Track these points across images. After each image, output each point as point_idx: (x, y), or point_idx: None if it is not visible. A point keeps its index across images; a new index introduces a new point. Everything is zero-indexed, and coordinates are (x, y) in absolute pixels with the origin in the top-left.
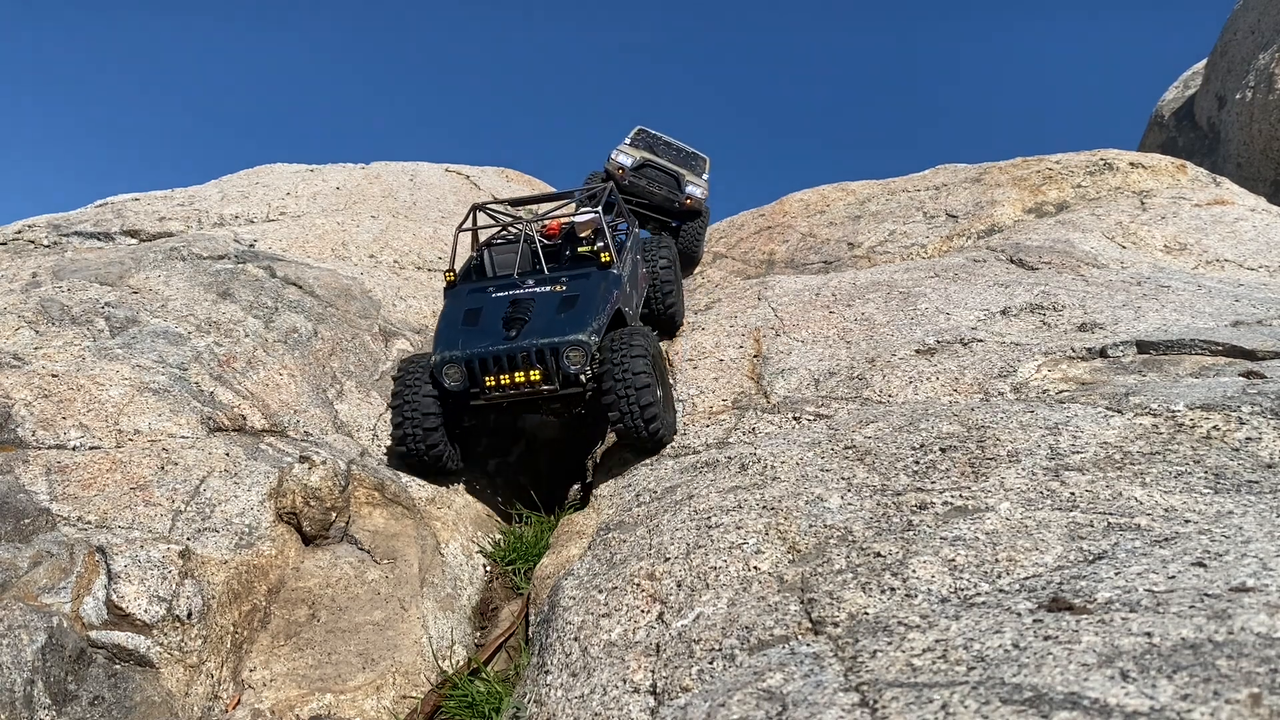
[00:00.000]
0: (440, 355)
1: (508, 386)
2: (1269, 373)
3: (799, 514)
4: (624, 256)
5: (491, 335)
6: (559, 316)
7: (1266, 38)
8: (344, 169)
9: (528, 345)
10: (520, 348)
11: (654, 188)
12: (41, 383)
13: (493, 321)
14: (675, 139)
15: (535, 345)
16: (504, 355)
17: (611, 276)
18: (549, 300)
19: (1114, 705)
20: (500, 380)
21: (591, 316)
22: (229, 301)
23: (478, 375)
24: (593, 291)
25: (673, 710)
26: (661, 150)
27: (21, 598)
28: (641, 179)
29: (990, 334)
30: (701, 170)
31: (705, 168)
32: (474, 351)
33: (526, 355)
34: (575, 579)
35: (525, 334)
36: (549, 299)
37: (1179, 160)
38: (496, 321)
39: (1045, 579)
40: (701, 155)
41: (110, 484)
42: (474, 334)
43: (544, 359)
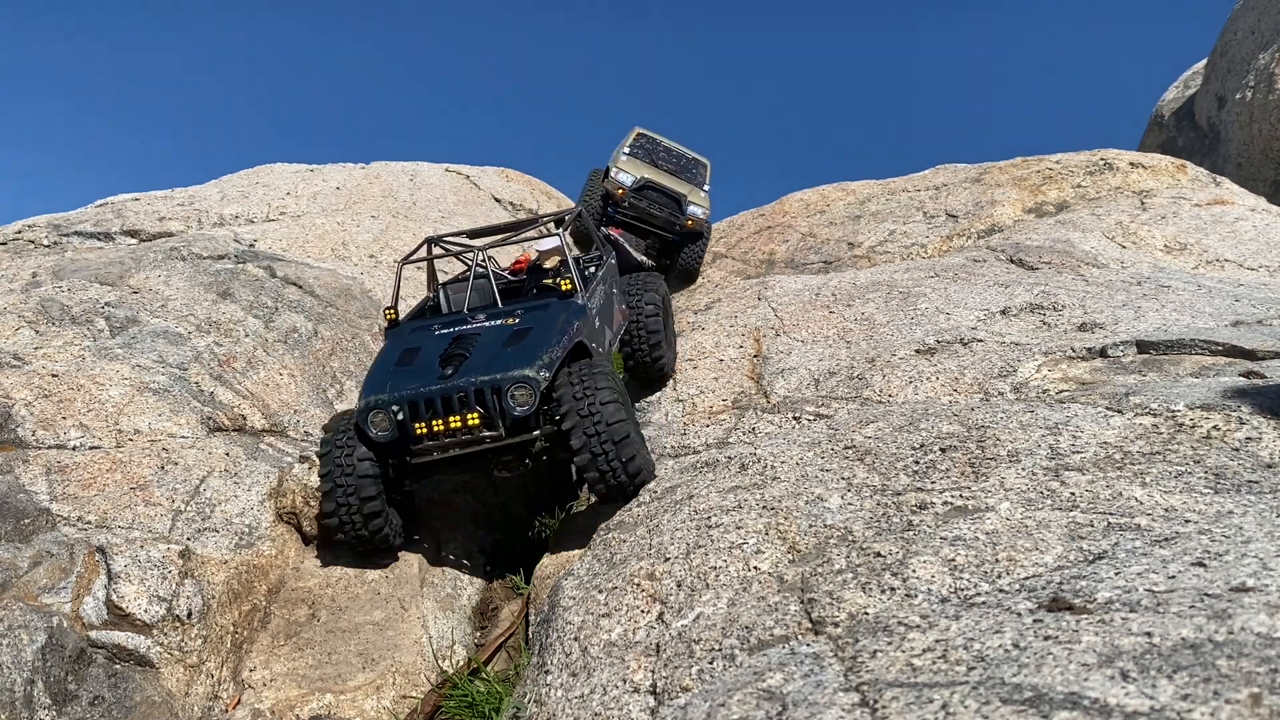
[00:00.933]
0: (364, 401)
1: (443, 434)
2: (1269, 373)
3: (799, 514)
4: (593, 286)
5: (425, 375)
6: (505, 351)
7: (1266, 38)
8: (344, 169)
9: (465, 384)
10: (456, 387)
11: (655, 209)
12: (41, 383)
13: (429, 360)
14: (675, 142)
15: (474, 383)
16: (437, 396)
17: (574, 307)
18: (497, 334)
19: (1114, 705)
20: (434, 427)
21: (542, 349)
22: (229, 301)
23: (408, 422)
24: (549, 323)
25: (673, 710)
26: (661, 158)
27: (21, 598)
28: (643, 200)
29: (990, 334)
30: (702, 180)
31: (706, 176)
32: (402, 394)
33: (464, 395)
34: (575, 579)
35: (463, 371)
36: (497, 333)
37: (1179, 160)
38: (433, 360)
39: (1045, 579)
40: (702, 160)
41: (110, 484)
42: (406, 375)
43: (484, 399)
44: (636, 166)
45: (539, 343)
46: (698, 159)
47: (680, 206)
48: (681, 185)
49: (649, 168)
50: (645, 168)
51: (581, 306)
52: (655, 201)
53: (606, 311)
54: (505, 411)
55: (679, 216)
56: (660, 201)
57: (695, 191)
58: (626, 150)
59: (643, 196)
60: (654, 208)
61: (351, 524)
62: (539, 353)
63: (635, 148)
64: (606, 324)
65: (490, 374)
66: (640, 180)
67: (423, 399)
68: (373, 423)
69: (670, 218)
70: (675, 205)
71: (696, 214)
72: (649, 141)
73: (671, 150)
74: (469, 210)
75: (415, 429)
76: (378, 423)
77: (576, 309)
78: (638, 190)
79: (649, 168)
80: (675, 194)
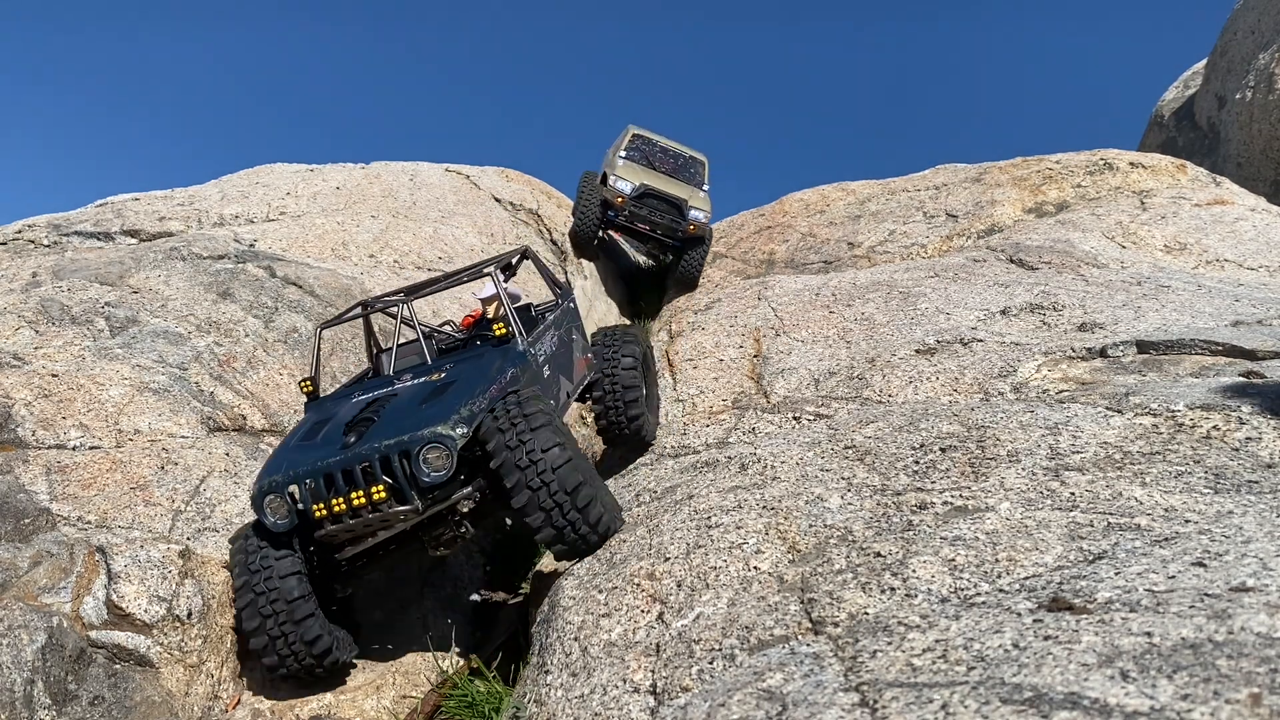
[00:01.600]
0: (257, 485)
1: (345, 514)
2: (1269, 373)
3: (799, 514)
4: (539, 331)
5: (326, 447)
6: (420, 409)
7: (1266, 38)
8: (344, 169)
9: (367, 452)
10: (358, 455)
11: (656, 217)
12: (41, 383)
13: (334, 431)
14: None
15: (377, 450)
16: (336, 469)
17: (511, 354)
18: (416, 392)
19: (1114, 705)
20: (334, 507)
21: (461, 401)
22: (229, 301)
23: (307, 504)
24: (476, 373)
25: (673, 710)
26: (659, 160)
27: (21, 598)
28: (643, 208)
29: (990, 334)
30: (701, 179)
31: (705, 174)
32: (298, 470)
33: (367, 465)
34: (575, 579)
35: (367, 438)
36: (417, 390)
37: (1179, 160)
38: (338, 429)
39: (1045, 579)
40: (699, 158)
41: (110, 484)
42: (306, 451)
43: (390, 468)
44: (634, 172)
45: (459, 395)
46: (695, 157)
47: (681, 212)
48: (681, 188)
49: (647, 171)
50: (643, 172)
51: (520, 353)
52: (656, 209)
53: (562, 360)
54: (417, 480)
55: (680, 222)
56: (661, 209)
57: (695, 194)
58: (623, 154)
59: (643, 204)
60: (655, 215)
61: (292, 655)
62: (456, 406)
63: (631, 150)
64: (562, 373)
65: (396, 436)
66: (640, 187)
67: (320, 474)
68: (269, 509)
69: (672, 224)
70: (676, 211)
71: (698, 219)
72: (644, 142)
73: (668, 150)
74: (469, 210)
75: (314, 511)
76: (275, 509)
77: (513, 355)
78: (638, 198)
79: (647, 171)
80: (676, 200)
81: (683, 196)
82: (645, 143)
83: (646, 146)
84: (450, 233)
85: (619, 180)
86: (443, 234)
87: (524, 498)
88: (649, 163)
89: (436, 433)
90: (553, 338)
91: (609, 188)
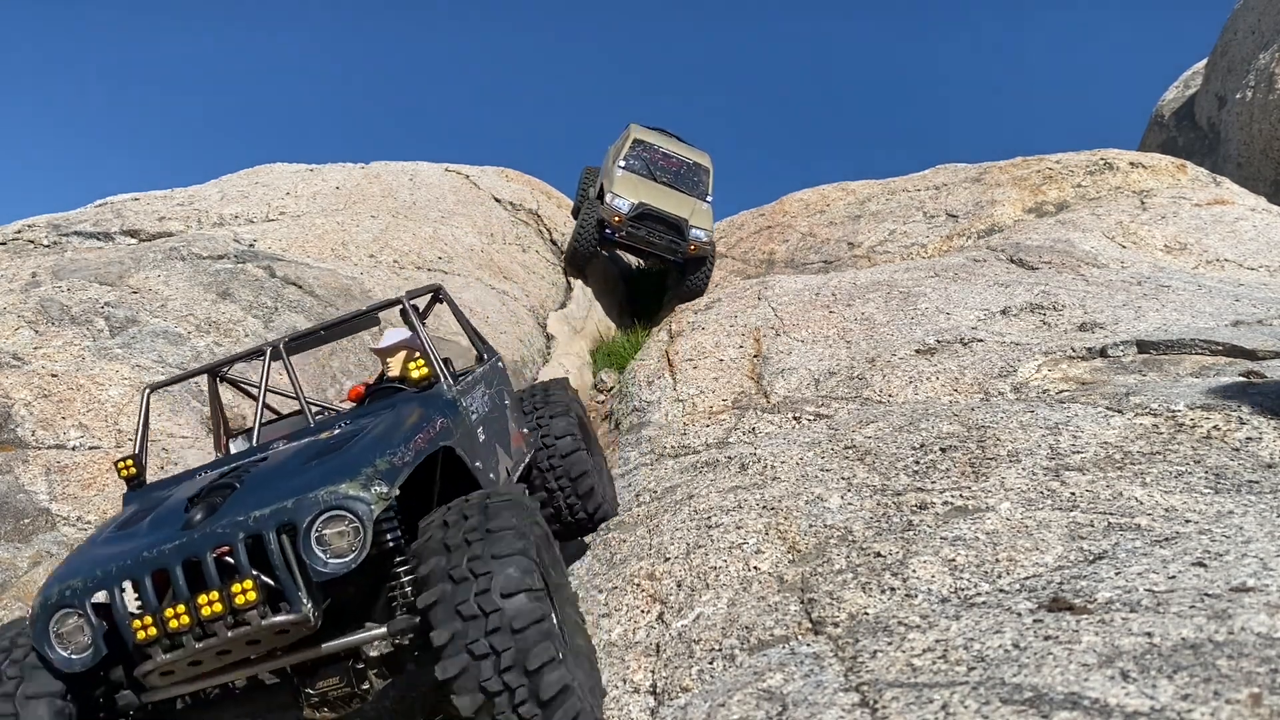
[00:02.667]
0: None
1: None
2: (1269, 373)
3: (799, 514)
4: (469, 382)
5: (157, 532)
6: (305, 468)
7: (1266, 38)
8: (344, 169)
9: (226, 530)
10: (211, 538)
11: (654, 238)
12: (41, 383)
13: (169, 511)
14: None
15: (244, 525)
16: (175, 561)
17: (435, 400)
18: (299, 452)
19: (1114, 705)
20: (170, 623)
21: (375, 454)
22: (229, 301)
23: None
24: (389, 422)
25: (673, 710)
26: (660, 169)
27: (21, 598)
28: (640, 228)
29: (990, 334)
30: (704, 188)
31: (708, 183)
32: (108, 570)
33: (226, 552)
34: (575, 579)
35: (224, 511)
36: (301, 451)
37: (1179, 160)
38: (176, 509)
39: (1045, 579)
40: (703, 163)
41: (110, 484)
42: (123, 541)
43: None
44: (633, 187)
45: (371, 447)
46: (698, 163)
47: (681, 233)
48: (683, 204)
49: (646, 184)
50: (642, 186)
51: (450, 401)
52: (654, 230)
53: (497, 427)
54: (307, 572)
55: (680, 244)
56: (659, 230)
57: (697, 208)
58: (621, 164)
59: (641, 224)
60: (653, 235)
61: None
62: (370, 458)
63: (631, 159)
64: (500, 444)
65: (274, 503)
66: (637, 207)
67: (148, 568)
68: (58, 636)
69: (671, 245)
70: (676, 232)
71: (700, 238)
72: (645, 149)
73: (670, 155)
74: (469, 210)
75: (135, 633)
76: (67, 634)
77: (441, 403)
78: (635, 218)
79: (646, 184)
80: (675, 220)
81: (683, 215)
82: (646, 149)
83: (647, 153)
84: (450, 233)
85: (615, 198)
86: (442, 234)
87: (456, 666)
88: (649, 172)
89: (339, 495)
90: (484, 395)
91: (605, 205)
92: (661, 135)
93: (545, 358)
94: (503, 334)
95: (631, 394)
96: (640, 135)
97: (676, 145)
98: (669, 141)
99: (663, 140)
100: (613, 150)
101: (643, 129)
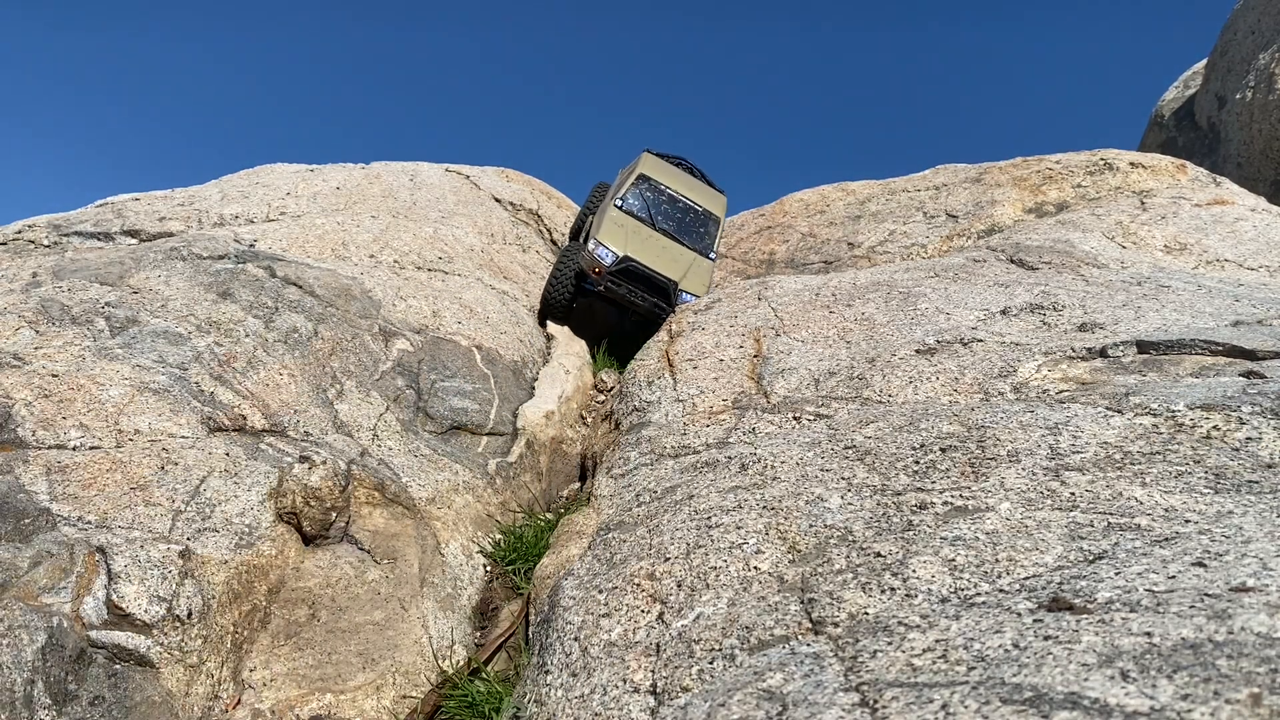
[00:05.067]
0: None
1: None
2: (1269, 373)
3: (799, 514)
4: None
5: None
6: None
7: (1266, 38)
8: (344, 169)
9: None
10: None
11: (636, 299)
12: (41, 383)
13: None
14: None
15: None
16: None
17: None
18: None
19: (1114, 705)
20: None
21: None
22: (229, 301)
23: None
24: None
25: (673, 710)
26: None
27: (21, 598)
28: (621, 286)
29: (990, 334)
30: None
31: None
32: None
33: None
34: (575, 579)
35: None
36: None
37: (1179, 160)
38: None
39: (1045, 579)
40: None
41: (110, 484)
42: None
43: None
44: (623, 236)
45: None
46: (708, 210)
47: (668, 297)
48: (677, 261)
49: (640, 232)
50: (635, 235)
51: None
52: (635, 291)
53: None
54: None
55: (665, 309)
56: (643, 288)
57: (694, 266)
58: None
59: (622, 280)
60: (635, 296)
61: None
62: None
63: (632, 196)
64: None
65: None
66: (621, 261)
67: None
68: None
69: (654, 308)
70: (662, 295)
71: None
72: (651, 187)
73: (677, 200)
74: (469, 210)
75: None
76: None
77: None
78: (618, 273)
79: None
80: (663, 282)
81: (672, 278)
82: (651, 188)
83: (651, 193)
84: (450, 233)
85: (599, 246)
86: (443, 234)
87: None
88: (648, 216)
89: None
90: None
91: (587, 253)
92: (675, 171)
93: (545, 357)
94: (503, 334)
95: (631, 394)
96: (648, 171)
97: (688, 186)
98: (680, 180)
99: (673, 179)
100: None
101: (655, 160)
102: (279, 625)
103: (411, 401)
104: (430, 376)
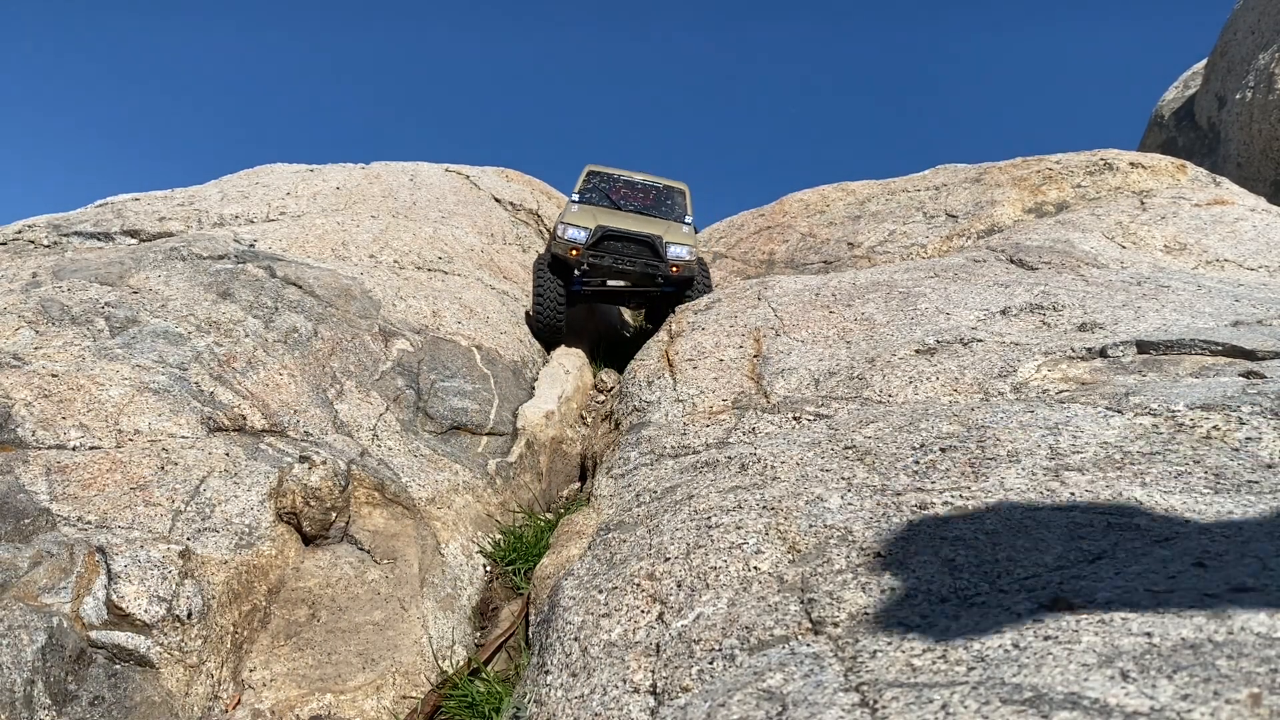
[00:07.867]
0: None
1: None
2: (1269, 373)
3: (799, 514)
4: None
5: None
6: None
7: (1266, 38)
8: (344, 169)
9: None
10: None
11: (624, 264)
12: (41, 383)
13: None
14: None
15: None
16: None
17: None
18: None
19: (1114, 705)
20: None
21: None
22: (229, 301)
23: None
24: None
25: (673, 710)
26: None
27: (21, 598)
28: (605, 256)
29: (990, 334)
30: (682, 211)
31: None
32: None
33: None
34: (575, 579)
35: None
36: None
37: (1179, 160)
38: None
39: (1045, 579)
40: (677, 186)
41: (110, 484)
42: None
43: None
44: (589, 215)
45: None
46: (671, 186)
47: (656, 251)
48: (654, 224)
49: (607, 212)
50: (601, 214)
51: None
52: (622, 254)
53: None
54: None
55: (658, 264)
56: (628, 252)
57: (673, 228)
58: (575, 197)
59: (604, 251)
60: (623, 261)
61: None
62: None
63: (586, 191)
64: None
65: None
66: (596, 230)
67: None
68: None
69: (647, 268)
70: (650, 251)
71: (681, 255)
72: (603, 179)
73: (634, 183)
74: (469, 210)
75: None
76: None
77: None
78: (596, 244)
79: (607, 212)
80: (646, 237)
81: (655, 233)
82: (603, 179)
83: (605, 184)
84: (450, 233)
85: (568, 229)
86: (443, 234)
87: None
88: (611, 202)
89: None
90: None
91: (558, 241)
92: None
93: (545, 357)
94: (503, 334)
95: (631, 394)
96: (595, 169)
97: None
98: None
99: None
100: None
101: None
102: (279, 625)
103: (411, 401)
104: (430, 376)
